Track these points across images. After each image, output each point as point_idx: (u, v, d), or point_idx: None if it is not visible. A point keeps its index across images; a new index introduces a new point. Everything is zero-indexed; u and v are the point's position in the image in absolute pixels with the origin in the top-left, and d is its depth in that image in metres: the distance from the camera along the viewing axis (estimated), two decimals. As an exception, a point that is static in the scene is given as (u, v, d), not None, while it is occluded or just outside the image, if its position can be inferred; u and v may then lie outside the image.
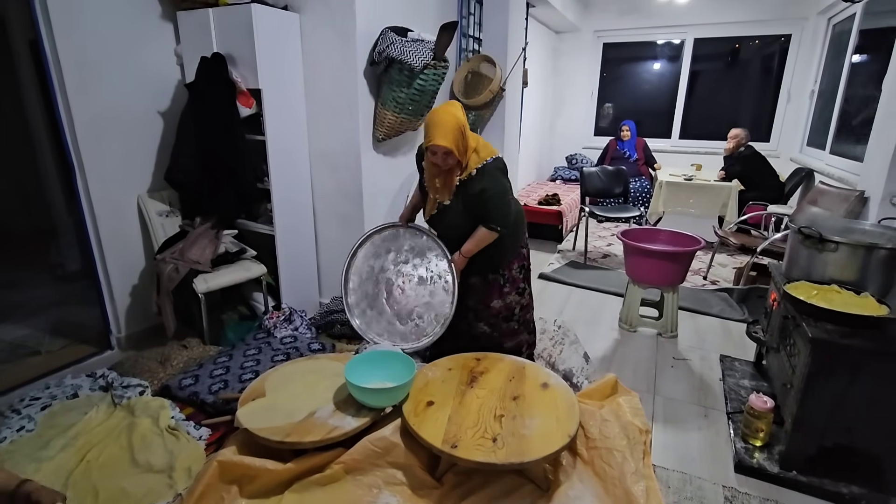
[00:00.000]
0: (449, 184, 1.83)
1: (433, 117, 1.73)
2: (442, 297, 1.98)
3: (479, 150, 1.82)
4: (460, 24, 3.19)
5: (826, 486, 1.54)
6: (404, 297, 2.04)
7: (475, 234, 1.87)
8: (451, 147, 1.69)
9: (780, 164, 4.83)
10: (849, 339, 1.46)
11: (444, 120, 1.70)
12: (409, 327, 2.02)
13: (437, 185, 1.86)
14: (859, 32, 3.81)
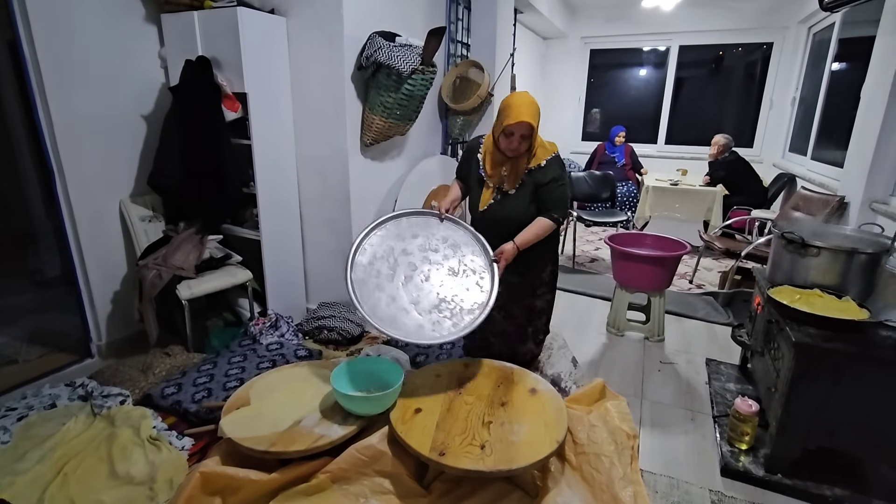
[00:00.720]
0: (517, 171, 1.82)
1: (513, 99, 1.73)
2: (476, 294, 1.76)
3: (543, 143, 1.85)
4: (448, 30, 3.20)
5: (810, 489, 1.56)
6: (428, 285, 1.77)
7: (535, 225, 1.82)
8: (535, 124, 1.69)
9: (763, 170, 4.92)
10: (831, 342, 1.48)
11: (526, 100, 1.71)
12: (429, 319, 1.71)
13: (504, 173, 1.83)
14: (838, 41, 3.90)
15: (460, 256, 1.85)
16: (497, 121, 1.76)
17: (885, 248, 1.72)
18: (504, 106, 1.73)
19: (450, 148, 3.50)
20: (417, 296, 1.75)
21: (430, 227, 1.90)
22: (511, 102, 1.72)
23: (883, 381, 1.43)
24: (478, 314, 1.70)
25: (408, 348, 2.35)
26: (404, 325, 1.66)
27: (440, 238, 1.88)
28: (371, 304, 1.69)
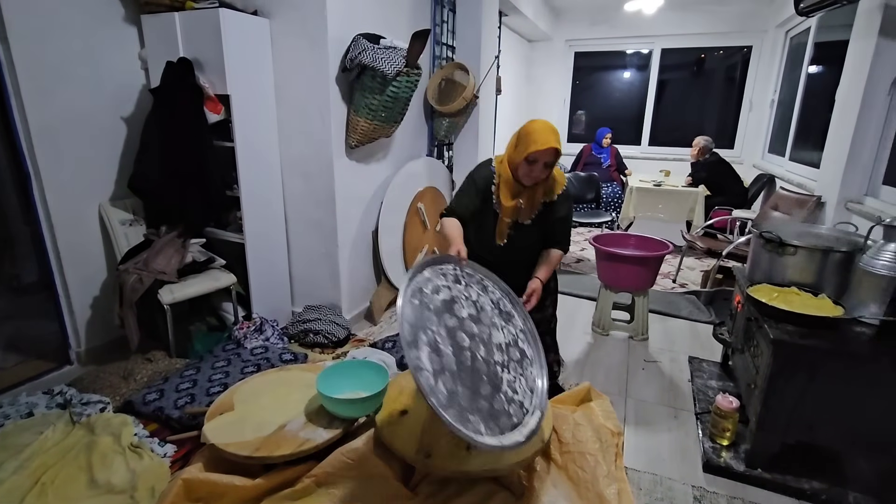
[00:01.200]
0: (534, 202, 1.71)
1: (535, 125, 1.62)
2: (530, 352, 1.50)
3: (556, 171, 1.74)
4: (433, 32, 3.21)
5: (789, 483, 1.59)
6: (481, 365, 1.34)
7: (551, 260, 1.76)
8: (560, 148, 1.60)
9: (743, 171, 5.01)
10: (807, 339, 1.51)
11: (549, 126, 1.62)
12: (502, 404, 1.32)
13: (520, 205, 1.70)
14: (814, 45, 4.00)
15: (498, 322, 1.49)
16: (516, 149, 1.64)
17: (858, 247, 1.76)
18: (525, 133, 1.62)
19: (435, 150, 3.51)
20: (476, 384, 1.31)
21: (449, 280, 1.48)
22: (534, 129, 1.61)
23: (857, 376, 1.47)
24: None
25: (395, 350, 2.35)
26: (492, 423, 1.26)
27: (468, 298, 1.47)
28: (460, 410, 1.21)
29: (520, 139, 1.64)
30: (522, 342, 1.52)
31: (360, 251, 2.78)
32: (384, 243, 2.84)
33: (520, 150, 1.62)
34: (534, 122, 1.65)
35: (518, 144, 1.64)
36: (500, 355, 1.40)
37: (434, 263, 1.49)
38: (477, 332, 1.38)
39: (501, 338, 1.45)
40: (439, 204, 3.40)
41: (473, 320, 1.41)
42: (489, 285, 1.59)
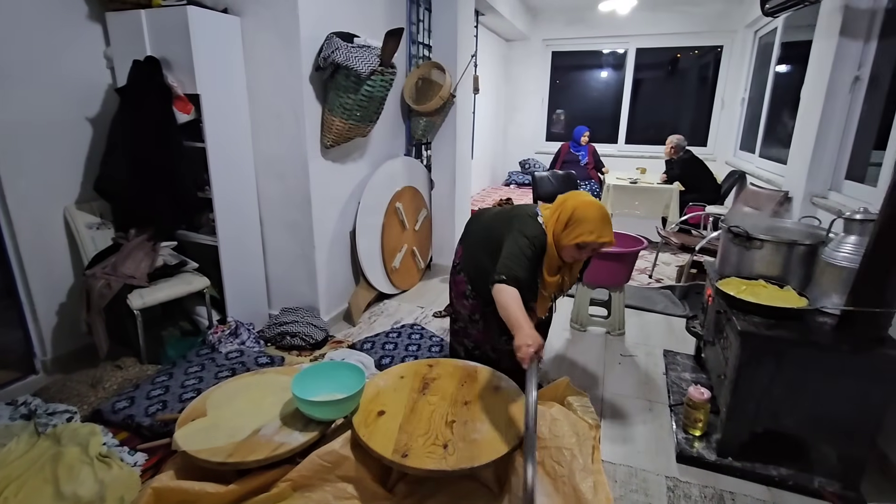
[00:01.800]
0: (573, 278, 1.71)
1: (588, 212, 1.54)
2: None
3: None
4: (409, 31, 3.20)
5: (758, 470, 1.63)
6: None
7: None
8: (614, 241, 1.57)
9: (716, 167, 5.14)
10: (773, 330, 1.56)
11: (603, 215, 1.55)
12: None
13: (562, 281, 1.68)
14: (781, 45, 4.12)
15: None
16: (566, 230, 1.56)
17: (821, 240, 1.82)
18: (580, 218, 1.54)
19: (414, 149, 3.50)
20: None
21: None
22: (589, 217, 1.53)
23: (820, 365, 1.51)
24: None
25: (373, 350, 2.34)
26: None
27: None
28: None
29: (571, 222, 1.56)
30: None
31: (337, 252, 2.75)
32: (362, 244, 2.82)
33: (570, 233, 1.55)
34: (588, 206, 1.55)
35: (569, 226, 1.56)
36: None
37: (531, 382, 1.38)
38: None
39: None
40: (418, 203, 3.40)
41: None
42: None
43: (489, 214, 1.90)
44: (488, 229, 1.80)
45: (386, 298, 3.13)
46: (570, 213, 1.57)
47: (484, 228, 1.84)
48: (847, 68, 2.66)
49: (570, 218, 1.56)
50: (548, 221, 1.63)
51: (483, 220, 1.89)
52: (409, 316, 2.88)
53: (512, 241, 1.60)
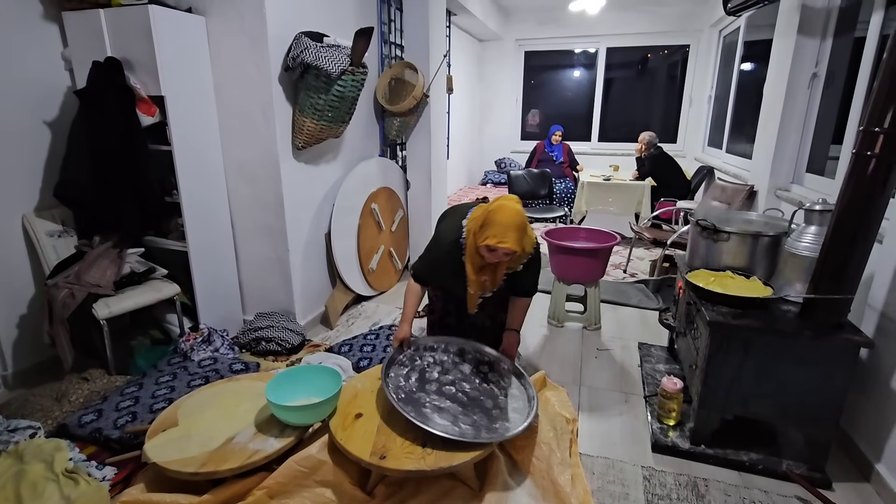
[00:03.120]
0: (497, 277, 1.70)
1: (497, 216, 1.55)
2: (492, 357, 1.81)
3: (528, 234, 1.67)
4: (380, 31, 3.18)
5: (729, 456, 1.68)
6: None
7: (518, 306, 1.85)
8: (518, 250, 1.57)
9: (686, 163, 5.26)
10: (740, 319, 1.60)
11: (511, 220, 1.55)
12: (507, 403, 1.63)
13: (484, 280, 1.69)
14: (744, 43, 4.25)
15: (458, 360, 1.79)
16: (480, 229, 1.59)
17: (784, 231, 1.88)
18: (490, 220, 1.57)
19: (389, 150, 3.48)
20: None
21: (407, 365, 1.74)
22: (497, 220, 1.55)
23: (785, 352, 1.57)
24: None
25: (351, 353, 2.31)
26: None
27: (430, 363, 1.77)
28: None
29: (484, 224, 1.58)
30: (484, 359, 1.80)
31: (312, 255, 2.72)
32: (338, 246, 2.79)
33: (481, 235, 1.59)
34: (503, 208, 1.58)
35: (482, 228, 1.59)
36: (478, 377, 1.72)
37: (390, 365, 1.70)
38: (452, 377, 1.70)
39: (468, 367, 1.76)
40: (394, 204, 3.38)
41: (444, 373, 1.72)
42: (433, 344, 1.85)
43: (450, 209, 1.96)
44: (437, 226, 1.94)
45: (364, 300, 3.10)
46: (486, 216, 1.59)
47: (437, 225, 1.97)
48: (805, 66, 2.76)
49: (485, 221, 1.59)
50: (473, 222, 1.66)
51: (443, 216, 1.97)
52: (387, 317, 2.87)
53: (430, 242, 1.85)
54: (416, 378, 1.67)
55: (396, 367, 1.71)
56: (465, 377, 1.70)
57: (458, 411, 1.53)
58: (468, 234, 1.66)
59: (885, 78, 1.37)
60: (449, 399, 1.58)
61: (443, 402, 1.56)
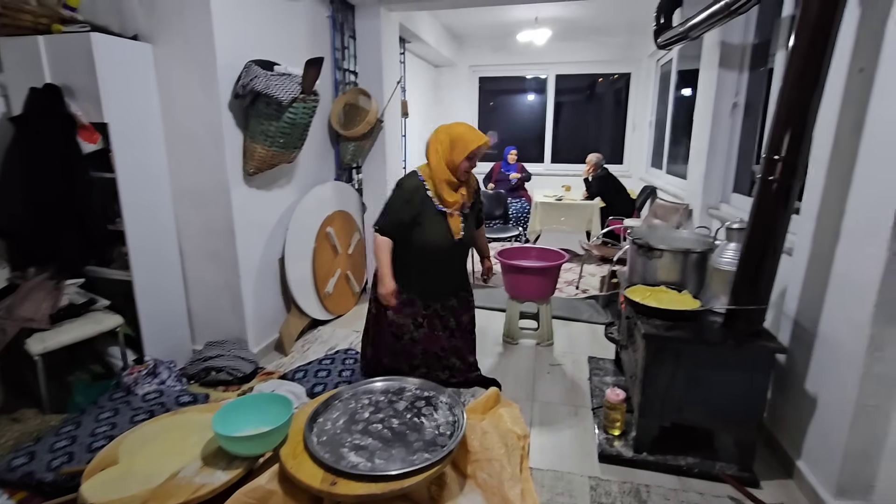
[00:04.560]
0: (471, 189, 2.00)
1: (460, 128, 1.89)
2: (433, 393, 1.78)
3: None
4: (333, 58, 3.25)
5: (669, 462, 1.78)
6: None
7: (482, 235, 2.25)
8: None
9: (632, 183, 5.57)
10: (672, 331, 1.72)
11: (469, 126, 1.92)
12: (434, 436, 1.60)
13: (462, 197, 1.95)
14: (678, 73, 4.59)
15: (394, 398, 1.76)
16: (454, 151, 1.87)
17: (710, 247, 2.04)
18: (457, 136, 1.87)
19: (345, 174, 3.52)
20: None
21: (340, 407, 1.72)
22: (462, 132, 1.88)
23: (711, 359, 1.69)
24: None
25: (305, 379, 2.29)
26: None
27: (364, 405, 1.73)
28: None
29: (454, 143, 1.87)
30: (422, 395, 1.79)
31: (265, 280, 2.69)
32: (292, 270, 2.78)
33: (458, 151, 1.87)
34: (457, 125, 1.92)
35: (454, 148, 1.87)
36: (412, 412, 1.70)
37: (326, 406, 1.69)
38: (383, 415, 1.67)
39: (403, 404, 1.74)
40: (350, 227, 3.40)
41: (377, 412, 1.69)
42: (369, 388, 1.82)
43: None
44: (392, 194, 2.03)
45: (320, 325, 3.08)
46: (448, 138, 1.89)
47: None
48: (727, 95, 3.03)
49: (450, 141, 1.88)
50: (431, 160, 1.92)
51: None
52: (344, 341, 2.86)
53: (388, 198, 1.97)
54: (344, 420, 1.65)
55: (329, 411, 1.70)
56: (397, 413, 1.68)
57: (377, 447, 1.51)
58: (427, 171, 1.93)
59: (779, 110, 1.54)
60: (372, 437, 1.56)
61: (364, 441, 1.54)
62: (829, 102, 1.62)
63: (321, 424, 1.67)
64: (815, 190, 1.71)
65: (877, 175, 1.42)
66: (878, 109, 1.44)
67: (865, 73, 1.49)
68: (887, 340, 1.40)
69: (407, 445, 1.57)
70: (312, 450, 1.51)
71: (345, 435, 1.62)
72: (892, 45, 1.39)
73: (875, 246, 1.40)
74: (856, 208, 1.52)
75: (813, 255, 1.72)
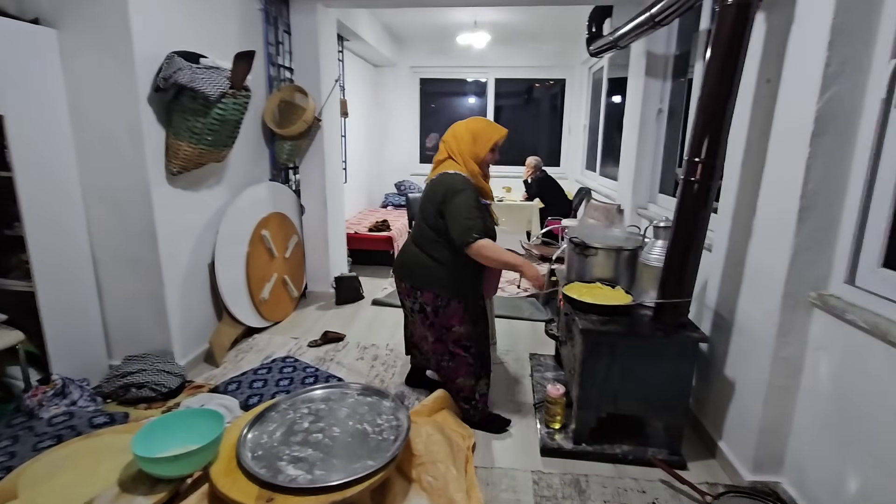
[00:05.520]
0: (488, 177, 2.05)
1: (478, 124, 1.99)
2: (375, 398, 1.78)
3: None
4: (267, 52, 3.10)
5: (606, 451, 1.85)
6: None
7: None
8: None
9: (569, 185, 5.79)
10: (606, 325, 1.79)
11: (485, 119, 2.04)
12: (377, 442, 1.57)
13: (489, 187, 2.00)
14: (609, 80, 4.83)
15: (336, 405, 1.74)
16: (478, 145, 1.93)
17: (640, 245, 2.15)
18: (479, 131, 1.95)
19: (283, 173, 3.37)
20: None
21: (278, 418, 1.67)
22: (483, 126, 1.98)
23: (642, 351, 1.78)
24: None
25: (239, 391, 2.17)
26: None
27: (304, 413, 1.70)
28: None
29: (476, 138, 1.94)
30: (364, 400, 1.77)
31: (193, 287, 2.51)
32: (223, 276, 2.61)
33: (483, 145, 1.94)
34: (474, 121, 2.00)
35: (477, 142, 1.94)
36: (354, 419, 1.66)
37: (258, 419, 1.65)
38: (324, 424, 1.63)
39: (345, 411, 1.70)
40: (287, 230, 3.26)
41: (317, 421, 1.65)
42: (308, 396, 1.79)
43: (436, 186, 1.95)
44: (455, 198, 1.86)
45: (256, 333, 2.92)
46: (470, 134, 1.94)
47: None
48: (652, 102, 3.22)
49: (473, 137, 1.94)
50: (460, 160, 1.93)
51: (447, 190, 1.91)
52: (281, 349, 2.73)
53: (456, 204, 1.83)
54: (281, 432, 1.59)
55: (264, 423, 1.64)
56: (338, 421, 1.65)
57: (318, 458, 1.47)
58: (465, 168, 1.91)
59: (698, 116, 1.66)
60: (312, 447, 1.52)
61: (304, 452, 1.49)
62: (742, 110, 1.77)
63: (256, 438, 1.59)
64: (730, 190, 1.86)
65: (782, 176, 1.56)
66: (782, 116, 1.58)
67: (771, 83, 1.63)
68: (792, 327, 1.54)
69: (349, 454, 1.53)
70: (246, 465, 1.43)
71: (282, 447, 1.54)
72: (792, 58, 1.54)
73: (782, 241, 1.53)
74: (765, 207, 1.66)
75: (730, 250, 1.86)
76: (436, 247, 1.94)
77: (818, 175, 1.44)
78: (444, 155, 2.00)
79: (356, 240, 4.34)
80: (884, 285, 1.32)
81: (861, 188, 1.39)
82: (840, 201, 1.45)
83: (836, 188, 1.44)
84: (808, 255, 1.49)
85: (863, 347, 1.31)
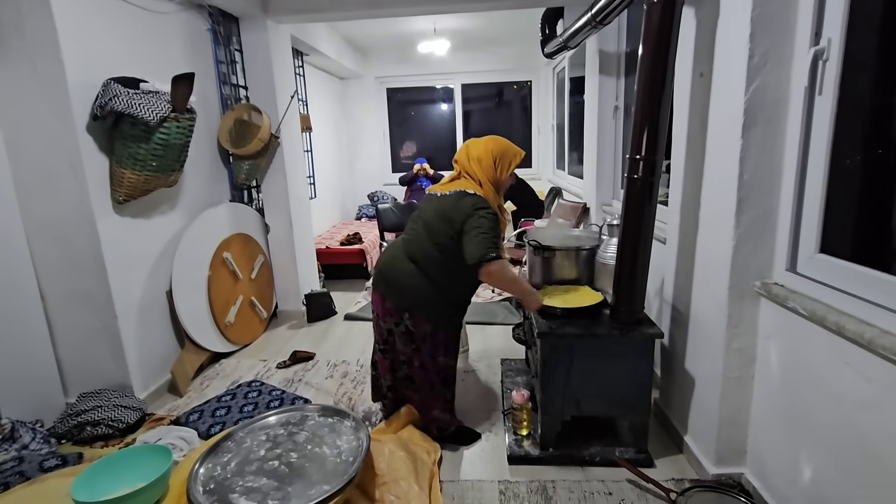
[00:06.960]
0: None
1: (498, 144, 1.90)
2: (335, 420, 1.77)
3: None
4: (219, 73, 3.06)
5: (573, 454, 1.83)
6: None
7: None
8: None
9: (541, 185, 5.81)
10: (564, 328, 1.78)
11: (505, 140, 1.95)
12: (335, 465, 1.55)
13: (505, 221, 1.93)
14: (570, 79, 4.87)
15: (294, 429, 1.72)
16: (499, 169, 1.87)
17: (598, 243, 2.15)
18: (502, 153, 1.88)
19: (245, 193, 3.32)
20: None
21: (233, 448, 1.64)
22: (505, 147, 1.91)
23: (601, 351, 1.77)
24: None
25: (201, 421, 2.11)
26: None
27: (261, 441, 1.68)
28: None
29: (497, 160, 1.87)
30: (325, 422, 1.75)
31: (151, 317, 2.44)
32: (182, 303, 2.55)
33: (504, 168, 1.89)
34: (492, 141, 1.91)
35: (498, 165, 1.88)
36: (312, 443, 1.64)
37: (211, 452, 1.61)
38: (281, 451, 1.61)
39: (304, 434, 1.69)
40: (252, 250, 3.21)
41: (274, 447, 1.63)
42: (265, 423, 1.77)
43: (449, 205, 1.83)
44: (471, 217, 1.76)
45: (223, 357, 2.86)
46: (490, 156, 1.87)
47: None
48: (609, 99, 3.25)
49: (494, 159, 1.87)
50: (478, 182, 1.86)
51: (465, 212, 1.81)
52: (249, 373, 2.67)
53: (479, 221, 1.72)
54: (236, 462, 1.55)
55: (219, 455, 1.60)
56: (296, 446, 1.62)
57: (272, 487, 1.44)
58: (485, 194, 1.82)
59: (636, 113, 1.66)
60: (267, 476, 1.49)
61: (258, 482, 1.46)
62: (681, 104, 1.78)
63: (210, 471, 1.54)
64: (677, 184, 1.87)
65: (720, 168, 1.58)
66: (716, 109, 1.60)
67: (705, 77, 1.64)
68: (741, 317, 1.54)
69: (305, 479, 1.49)
70: (196, 501, 1.38)
71: (236, 479, 1.50)
72: (721, 51, 1.55)
73: (724, 232, 1.54)
74: (708, 199, 1.67)
75: (680, 244, 1.86)
76: (440, 269, 1.82)
77: (752, 165, 1.45)
78: (457, 172, 1.93)
79: (327, 255, 4.29)
80: (821, 270, 1.33)
81: (794, 176, 1.40)
82: (776, 190, 1.46)
83: (772, 177, 1.46)
84: (750, 245, 1.50)
85: (805, 334, 1.32)
